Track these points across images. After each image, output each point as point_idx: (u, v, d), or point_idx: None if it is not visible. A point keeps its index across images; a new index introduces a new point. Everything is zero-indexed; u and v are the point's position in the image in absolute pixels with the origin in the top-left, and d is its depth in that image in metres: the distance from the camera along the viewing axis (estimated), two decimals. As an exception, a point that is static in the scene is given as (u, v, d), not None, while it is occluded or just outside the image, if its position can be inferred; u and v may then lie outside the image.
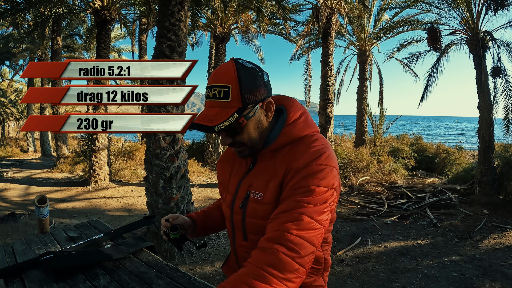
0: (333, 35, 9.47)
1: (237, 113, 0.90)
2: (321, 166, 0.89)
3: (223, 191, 1.14)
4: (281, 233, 0.83)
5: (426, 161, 9.66)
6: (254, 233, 0.99)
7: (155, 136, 4.25)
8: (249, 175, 1.03)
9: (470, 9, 6.35)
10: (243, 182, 1.03)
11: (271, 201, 0.93)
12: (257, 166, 1.02)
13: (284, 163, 0.94)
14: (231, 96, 0.90)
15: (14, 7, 7.80)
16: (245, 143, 0.97)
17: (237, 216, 1.03)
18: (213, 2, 9.69)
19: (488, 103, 6.18)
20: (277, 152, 0.98)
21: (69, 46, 15.96)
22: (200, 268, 3.76)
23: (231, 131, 0.95)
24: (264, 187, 0.95)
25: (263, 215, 0.94)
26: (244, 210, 1.00)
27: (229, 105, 0.91)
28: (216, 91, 0.92)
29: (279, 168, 0.94)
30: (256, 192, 0.97)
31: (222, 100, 0.91)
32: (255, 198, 0.97)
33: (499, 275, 3.52)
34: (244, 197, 1.00)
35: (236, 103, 0.91)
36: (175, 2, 4.28)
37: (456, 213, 5.50)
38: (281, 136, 0.97)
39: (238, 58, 0.96)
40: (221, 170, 1.18)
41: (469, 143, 17.38)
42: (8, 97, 25.56)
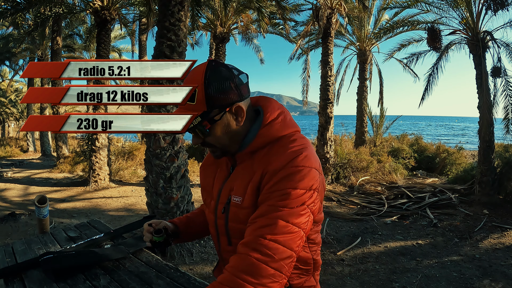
0: (333, 35, 9.47)
1: (201, 117, 0.90)
2: (298, 167, 0.86)
3: (207, 196, 1.12)
4: (255, 238, 0.82)
5: (426, 161, 9.67)
6: (238, 237, 0.95)
7: (155, 136, 4.25)
8: (229, 179, 1.02)
9: (470, 9, 6.35)
10: (225, 186, 1.02)
11: (250, 205, 0.92)
12: (236, 169, 1.01)
13: (261, 165, 0.92)
14: (197, 99, 0.90)
15: (14, 7, 7.80)
16: (214, 144, 0.97)
17: (220, 221, 1.02)
18: (213, 2, 9.69)
19: (488, 103, 6.18)
20: (255, 154, 0.96)
21: (69, 46, 15.96)
22: (200, 268, 3.76)
23: (197, 133, 0.95)
24: (243, 191, 0.94)
25: (244, 219, 0.92)
26: (227, 215, 0.98)
27: (194, 108, 0.90)
28: None
29: (256, 170, 0.93)
30: (236, 196, 0.96)
31: (189, 102, 0.91)
32: (236, 203, 0.95)
33: (499, 275, 3.52)
34: (225, 201, 0.99)
35: (201, 107, 0.90)
36: (175, 2, 4.28)
37: (456, 213, 5.50)
38: (257, 138, 0.95)
39: (215, 60, 0.95)
40: (204, 175, 1.17)
41: (470, 144, 17.39)
42: (8, 97, 25.57)
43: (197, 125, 0.91)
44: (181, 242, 1.29)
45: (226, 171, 1.06)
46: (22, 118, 26.94)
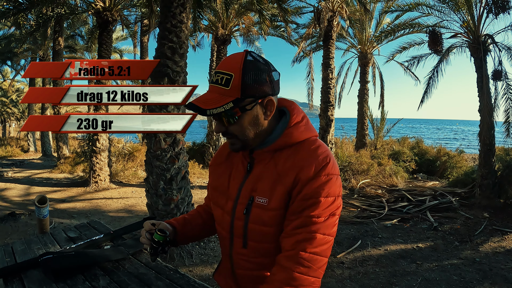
0: (334, 37, 9.48)
1: (233, 103, 0.89)
2: (328, 176, 0.90)
3: (219, 197, 1.08)
4: (296, 252, 0.87)
5: (426, 164, 9.66)
6: (255, 240, 0.97)
7: (156, 137, 4.25)
8: (249, 178, 1.00)
9: (471, 12, 6.36)
10: (245, 186, 1.00)
11: (277, 207, 0.92)
12: (256, 168, 0.99)
13: (291, 169, 0.92)
14: (232, 85, 0.89)
15: (16, 7, 7.83)
16: (238, 135, 0.95)
17: (239, 222, 0.99)
18: (215, 4, 9.71)
19: (489, 107, 6.18)
20: (277, 153, 0.97)
21: (70, 47, 16.00)
22: (199, 270, 3.75)
23: (223, 119, 0.93)
24: (270, 193, 0.94)
25: (267, 221, 0.93)
26: (248, 216, 0.97)
27: (227, 93, 0.89)
28: (219, 77, 0.91)
29: (283, 173, 0.93)
30: (261, 197, 0.95)
31: (222, 86, 0.90)
32: (260, 204, 0.94)
33: (500, 279, 3.51)
34: (247, 202, 0.97)
35: (235, 93, 0.89)
36: (176, 4, 4.29)
37: (457, 217, 5.49)
38: (283, 137, 0.96)
39: (252, 51, 0.95)
40: (216, 174, 1.13)
41: (471, 148, 17.36)
42: (10, 97, 25.62)
43: (228, 111, 0.90)
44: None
45: (243, 170, 1.03)
46: (23, 118, 26.99)
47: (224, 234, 1.06)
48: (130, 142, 12.56)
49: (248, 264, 1.02)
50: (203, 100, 0.91)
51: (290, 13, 9.23)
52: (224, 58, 0.99)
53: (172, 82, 4.30)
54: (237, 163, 1.06)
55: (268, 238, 0.96)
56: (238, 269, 1.05)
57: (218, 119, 0.95)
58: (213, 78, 0.93)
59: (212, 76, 0.94)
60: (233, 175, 1.05)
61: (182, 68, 4.39)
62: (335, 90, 10.14)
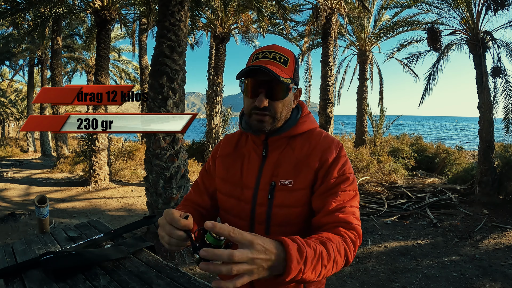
0: (333, 35, 9.47)
1: (290, 80, 0.98)
2: (345, 156, 1.03)
3: (231, 187, 1.09)
4: (348, 225, 0.93)
5: (426, 161, 9.66)
6: (279, 224, 1.00)
7: (155, 136, 4.25)
8: (266, 165, 1.04)
9: (470, 9, 6.35)
10: (264, 172, 1.03)
11: (303, 187, 0.99)
12: (272, 155, 1.04)
13: (313, 152, 1.01)
14: (289, 66, 0.98)
15: (14, 7, 7.79)
16: (276, 112, 1.00)
17: (261, 208, 1.01)
18: (213, 2, 9.69)
19: (488, 103, 6.18)
20: (291, 140, 1.05)
21: (69, 46, 15.95)
22: (200, 268, 3.76)
23: (276, 92, 0.97)
24: (293, 174, 1.00)
25: (292, 202, 0.99)
26: (272, 200, 1.00)
27: (285, 71, 0.97)
28: (277, 55, 0.98)
29: (306, 156, 1.01)
30: (284, 180, 1.00)
31: (281, 64, 0.97)
32: (285, 186, 0.99)
33: (499, 275, 3.52)
34: (269, 188, 1.01)
35: (290, 73, 0.98)
36: (175, 2, 4.28)
37: (456, 213, 5.50)
38: (298, 125, 1.05)
39: None
40: (224, 165, 1.13)
41: (470, 143, 17.38)
42: (8, 97, 25.56)
43: (287, 85, 0.97)
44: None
45: (258, 158, 1.06)
46: (22, 118, 26.95)
47: (242, 223, 1.06)
48: (129, 141, 12.56)
49: None
50: (270, 66, 0.95)
51: (289, 10, 9.21)
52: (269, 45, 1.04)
53: (171, 81, 4.30)
54: (249, 153, 1.09)
55: (292, 220, 1.00)
56: None
57: (270, 91, 0.98)
58: (267, 55, 0.98)
59: (261, 54, 0.99)
60: (247, 166, 1.08)
61: (180, 67, 4.38)
62: (334, 88, 10.14)
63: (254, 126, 1.02)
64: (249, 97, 0.99)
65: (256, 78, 0.97)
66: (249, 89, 0.98)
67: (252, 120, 1.01)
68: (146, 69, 13.64)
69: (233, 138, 1.17)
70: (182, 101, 4.50)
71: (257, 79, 0.97)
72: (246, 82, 0.98)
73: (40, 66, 15.94)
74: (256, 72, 0.96)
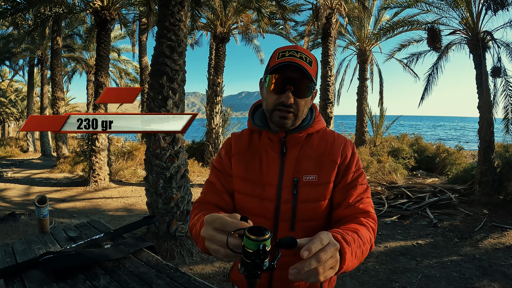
0: (333, 35, 9.47)
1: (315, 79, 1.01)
2: (357, 152, 1.11)
3: (251, 186, 1.05)
4: (368, 210, 1.02)
5: (426, 161, 9.66)
6: (304, 220, 1.02)
7: (155, 136, 4.25)
8: (287, 162, 1.04)
9: (470, 9, 6.35)
10: (286, 169, 1.04)
11: (327, 181, 1.03)
12: (292, 151, 1.06)
13: (332, 148, 1.06)
14: (313, 67, 1.00)
15: (14, 7, 7.79)
16: (299, 109, 1.01)
17: (286, 205, 1.01)
18: (213, 2, 9.69)
19: (488, 103, 6.18)
20: (308, 137, 1.08)
21: (69, 46, 15.95)
22: (200, 268, 3.76)
23: (302, 90, 0.99)
24: (317, 169, 1.03)
25: (318, 196, 1.02)
26: (296, 196, 1.01)
27: (310, 70, 0.98)
28: (303, 56, 0.98)
29: (326, 152, 1.06)
30: (308, 175, 1.02)
31: (307, 64, 0.98)
32: (310, 181, 1.02)
33: (499, 275, 3.52)
34: (292, 184, 1.02)
35: (313, 74, 0.99)
36: (175, 2, 4.28)
37: (456, 213, 5.50)
38: (314, 123, 1.09)
39: None
40: (241, 164, 1.09)
41: (470, 143, 17.37)
42: (8, 97, 25.56)
43: (313, 83, 0.99)
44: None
45: (277, 156, 1.06)
46: (22, 118, 26.95)
47: (266, 222, 1.05)
48: (129, 141, 12.56)
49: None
50: (300, 63, 0.96)
51: (289, 10, 9.20)
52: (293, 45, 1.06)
53: (171, 81, 4.30)
54: (265, 150, 1.08)
55: (317, 215, 1.03)
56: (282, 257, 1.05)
57: (297, 88, 0.98)
58: (294, 54, 0.98)
59: (287, 52, 0.99)
60: (266, 162, 1.07)
61: (180, 67, 4.38)
62: (334, 88, 10.13)
63: (277, 122, 1.02)
64: (275, 93, 0.99)
65: (284, 74, 0.97)
66: (277, 84, 0.98)
67: (275, 116, 1.01)
68: (146, 69, 13.63)
69: (243, 136, 1.15)
70: (182, 101, 4.50)
71: (285, 76, 0.97)
72: (272, 77, 0.98)
73: (40, 66, 15.94)
74: (284, 69, 0.96)
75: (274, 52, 1.03)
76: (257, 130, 1.11)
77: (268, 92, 1.01)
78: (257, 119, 1.12)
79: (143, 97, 13.95)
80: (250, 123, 1.13)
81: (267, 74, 0.99)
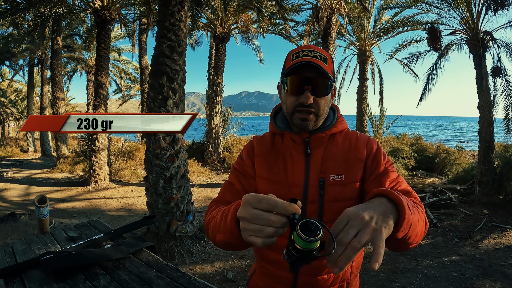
0: (333, 35, 9.47)
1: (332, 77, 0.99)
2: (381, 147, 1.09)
3: (277, 188, 1.03)
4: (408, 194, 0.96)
5: (426, 161, 9.66)
6: (330, 220, 0.98)
7: (155, 136, 4.25)
8: (312, 162, 1.03)
9: (470, 9, 6.35)
10: (312, 170, 1.02)
11: (355, 180, 1.02)
12: (316, 152, 1.04)
13: (357, 146, 1.06)
14: (328, 64, 0.98)
15: (14, 7, 7.79)
16: (319, 108, 0.99)
17: (313, 205, 1.00)
18: (213, 2, 9.69)
19: (488, 103, 6.18)
20: (332, 137, 1.07)
21: (69, 46, 15.95)
22: (200, 268, 3.76)
23: (321, 89, 0.97)
24: (343, 169, 1.02)
25: (344, 195, 1.00)
26: (323, 196, 1.00)
27: (326, 68, 0.97)
28: (318, 54, 0.97)
29: (351, 151, 1.05)
30: (335, 175, 1.01)
31: (323, 62, 0.96)
32: (337, 180, 1.01)
33: (499, 275, 3.52)
34: (318, 184, 1.01)
35: (330, 71, 0.98)
36: (175, 2, 4.28)
37: (456, 213, 5.50)
38: (338, 123, 1.08)
39: None
40: (267, 165, 1.07)
41: (470, 143, 17.38)
42: (8, 97, 25.57)
43: (330, 80, 0.98)
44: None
45: (301, 157, 1.05)
46: (22, 118, 26.95)
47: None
48: (129, 141, 12.56)
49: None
50: (316, 63, 0.95)
51: (289, 10, 9.21)
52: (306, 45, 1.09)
53: (171, 81, 4.30)
54: (289, 151, 1.07)
55: None
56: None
57: (316, 87, 0.97)
58: (308, 54, 0.97)
59: (301, 53, 0.98)
60: (290, 163, 1.05)
61: (180, 67, 4.39)
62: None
63: (298, 124, 1.01)
64: (293, 95, 0.99)
65: (300, 75, 0.96)
66: (294, 86, 0.97)
67: (296, 118, 1.00)
68: (146, 69, 13.64)
69: (265, 139, 1.13)
70: (182, 101, 4.50)
71: (302, 76, 0.96)
72: (289, 79, 0.98)
73: (40, 66, 15.94)
74: (300, 69, 0.96)
75: (288, 54, 1.02)
76: (279, 132, 1.10)
77: (286, 94, 1.00)
78: (279, 121, 1.11)
79: (143, 97, 13.96)
80: (272, 125, 1.12)
81: (284, 77, 0.99)
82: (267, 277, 1.11)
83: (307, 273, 1.03)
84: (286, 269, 1.03)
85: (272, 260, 1.08)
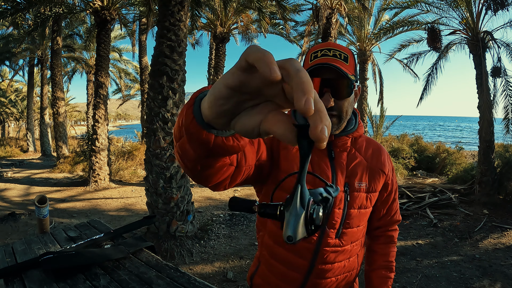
0: (333, 35, 9.46)
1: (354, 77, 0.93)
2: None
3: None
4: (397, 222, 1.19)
5: (426, 161, 9.66)
6: (351, 226, 1.02)
7: (155, 136, 4.25)
8: (336, 166, 1.00)
9: (470, 9, 6.35)
10: (338, 173, 1.00)
11: (375, 189, 1.05)
12: (341, 156, 1.02)
13: (378, 157, 1.08)
14: (349, 62, 0.93)
15: (14, 7, 7.79)
16: (342, 111, 0.95)
17: (338, 210, 0.99)
18: (213, 2, 9.69)
19: (488, 103, 6.18)
20: (355, 142, 1.06)
21: (69, 46, 15.95)
22: (200, 268, 3.76)
23: (341, 90, 0.92)
24: (368, 177, 1.03)
25: (364, 203, 1.03)
26: (347, 202, 1.00)
27: (347, 68, 0.92)
28: (337, 53, 0.93)
29: (375, 160, 1.06)
30: (360, 182, 1.02)
31: (343, 61, 0.92)
32: (362, 187, 1.02)
33: (499, 275, 3.52)
34: (343, 189, 1.00)
35: (352, 70, 0.93)
36: (175, 2, 4.28)
37: (456, 213, 5.50)
38: (359, 128, 1.06)
39: None
40: (293, 160, 0.98)
41: (470, 143, 17.37)
42: (8, 97, 25.57)
43: (351, 81, 0.92)
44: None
45: (325, 158, 1.01)
46: (22, 118, 26.97)
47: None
48: (129, 141, 12.56)
49: (335, 255, 1.02)
50: (336, 64, 0.90)
51: (289, 10, 9.21)
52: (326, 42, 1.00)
53: (171, 81, 4.30)
54: (313, 153, 1.00)
55: (362, 222, 1.05)
56: (321, 265, 1.01)
57: (336, 89, 0.92)
58: (327, 53, 0.93)
59: (320, 52, 0.94)
60: (316, 164, 1.00)
61: (180, 67, 4.38)
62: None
63: None
64: None
65: (319, 77, 0.91)
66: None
67: None
68: (146, 69, 13.63)
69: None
70: (182, 101, 4.50)
71: (321, 78, 0.91)
72: None
73: (40, 66, 15.93)
74: (319, 71, 0.91)
75: (307, 54, 0.99)
76: None
77: None
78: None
79: (143, 97, 13.96)
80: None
81: None
82: (275, 276, 1.07)
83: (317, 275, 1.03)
84: (298, 270, 1.02)
85: (285, 260, 1.04)
